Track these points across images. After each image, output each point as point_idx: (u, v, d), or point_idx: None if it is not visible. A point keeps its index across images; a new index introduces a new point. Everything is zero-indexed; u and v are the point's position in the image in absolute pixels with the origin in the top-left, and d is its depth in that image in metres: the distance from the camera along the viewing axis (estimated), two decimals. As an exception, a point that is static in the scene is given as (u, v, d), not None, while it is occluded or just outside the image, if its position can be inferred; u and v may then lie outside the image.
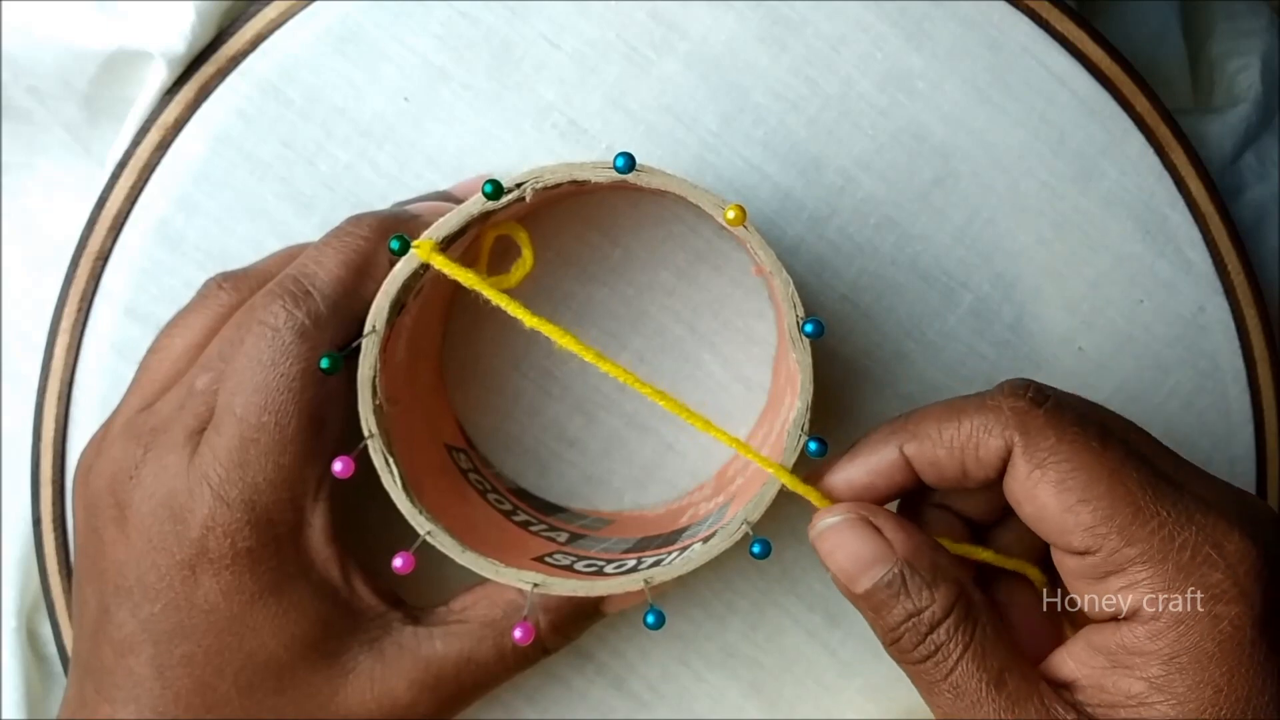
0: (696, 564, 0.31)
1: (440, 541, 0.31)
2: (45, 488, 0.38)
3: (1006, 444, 0.28)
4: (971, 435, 0.29)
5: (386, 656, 0.33)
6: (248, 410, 0.31)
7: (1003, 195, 0.37)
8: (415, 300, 0.32)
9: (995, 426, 0.28)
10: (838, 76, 0.37)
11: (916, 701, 0.39)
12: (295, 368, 0.31)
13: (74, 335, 0.37)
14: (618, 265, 0.38)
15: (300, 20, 0.37)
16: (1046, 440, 0.28)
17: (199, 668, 0.32)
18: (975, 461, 0.29)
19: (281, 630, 0.32)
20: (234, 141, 0.37)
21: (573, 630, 0.35)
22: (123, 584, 0.32)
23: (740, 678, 0.39)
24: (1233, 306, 0.38)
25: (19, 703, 0.39)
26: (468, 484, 0.35)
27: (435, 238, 0.30)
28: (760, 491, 0.30)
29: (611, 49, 0.37)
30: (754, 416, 0.38)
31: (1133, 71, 0.37)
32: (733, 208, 0.29)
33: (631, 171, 0.29)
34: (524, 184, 0.30)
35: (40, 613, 0.40)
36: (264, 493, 0.31)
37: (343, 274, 0.32)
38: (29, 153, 0.40)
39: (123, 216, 0.37)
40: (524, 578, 0.30)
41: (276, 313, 0.31)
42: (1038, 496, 0.28)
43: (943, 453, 0.29)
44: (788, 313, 0.30)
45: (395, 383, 0.32)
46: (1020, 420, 0.28)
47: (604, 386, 0.38)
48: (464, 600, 0.34)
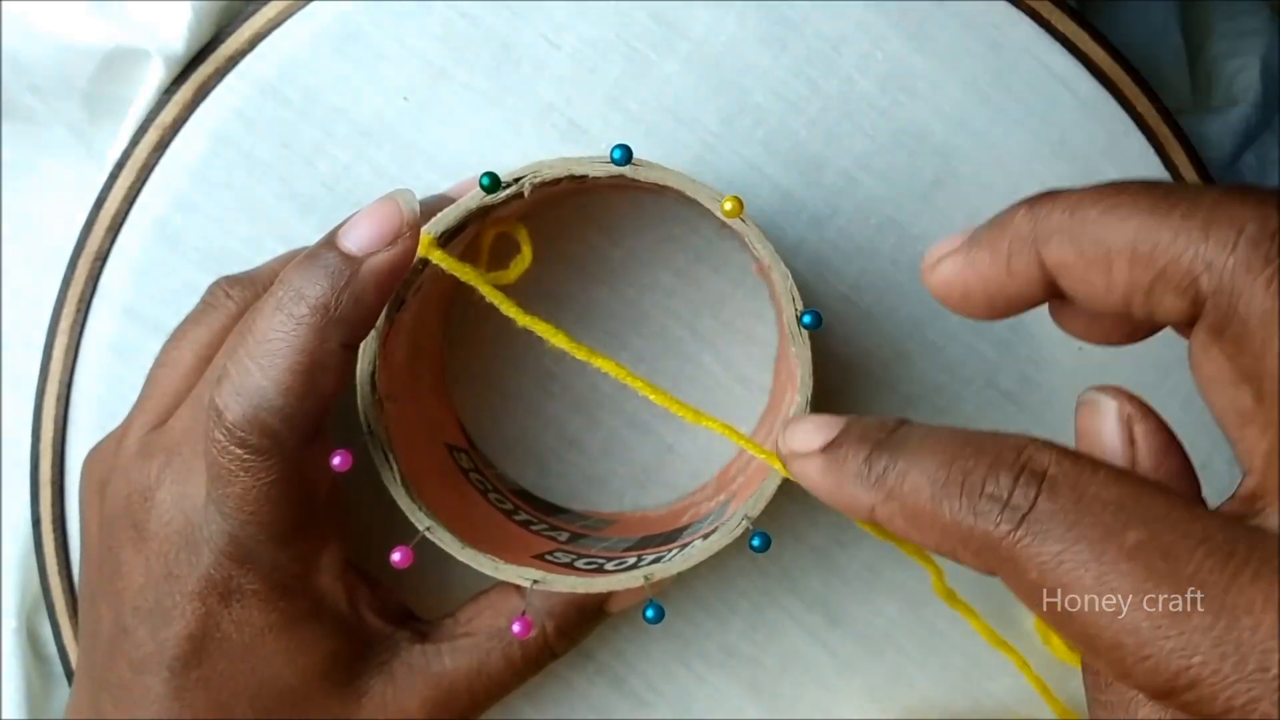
0: (696, 560, 0.30)
1: (439, 538, 0.31)
2: (45, 488, 0.38)
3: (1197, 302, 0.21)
4: (1154, 277, 0.21)
5: (398, 679, 0.33)
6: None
7: (1004, 195, 0.37)
8: (415, 297, 0.32)
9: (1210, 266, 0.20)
10: (838, 77, 0.37)
11: (917, 701, 0.39)
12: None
13: (72, 336, 0.37)
14: (618, 266, 0.38)
15: (299, 20, 0.37)
16: (1037, 555, 0.21)
17: (215, 690, 0.32)
18: (1146, 309, 0.22)
19: (293, 661, 0.32)
20: (233, 141, 0.37)
21: (579, 633, 0.35)
22: (143, 605, 0.32)
23: (740, 677, 0.39)
24: (1232, 307, 0.38)
25: (19, 703, 0.39)
26: (469, 483, 0.35)
27: (434, 233, 0.30)
28: (760, 487, 0.30)
29: (611, 49, 0.37)
30: (754, 417, 0.38)
31: (1133, 72, 0.37)
32: (729, 199, 0.28)
33: (628, 165, 0.29)
34: (522, 178, 0.30)
35: (40, 613, 0.40)
36: (267, 548, 0.31)
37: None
38: (31, 151, 0.40)
39: (121, 217, 0.37)
40: (523, 574, 0.30)
41: (284, 322, 0.30)
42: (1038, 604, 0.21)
43: (1101, 282, 0.22)
44: (786, 307, 0.30)
45: (395, 380, 0.32)
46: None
47: (604, 386, 0.38)
48: (469, 611, 0.34)
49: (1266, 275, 0.20)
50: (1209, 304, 0.21)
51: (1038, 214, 0.23)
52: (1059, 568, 0.20)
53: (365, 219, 0.29)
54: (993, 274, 0.24)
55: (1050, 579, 0.20)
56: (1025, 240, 0.23)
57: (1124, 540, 0.20)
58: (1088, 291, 0.23)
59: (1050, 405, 0.38)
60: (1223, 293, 0.20)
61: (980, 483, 0.22)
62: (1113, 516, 0.20)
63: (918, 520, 0.23)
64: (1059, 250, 0.22)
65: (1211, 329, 0.21)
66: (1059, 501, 0.21)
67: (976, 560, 0.22)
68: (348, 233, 0.29)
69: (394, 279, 0.29)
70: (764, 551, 0.29)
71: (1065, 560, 0.20)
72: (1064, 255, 0.22)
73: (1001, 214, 0.24)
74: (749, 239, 0.30)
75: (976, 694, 0.39)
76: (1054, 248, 0.23)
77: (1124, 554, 0.20)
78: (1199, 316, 0.21)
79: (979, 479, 0.22)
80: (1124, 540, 0.20)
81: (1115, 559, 0.20)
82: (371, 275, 0.28)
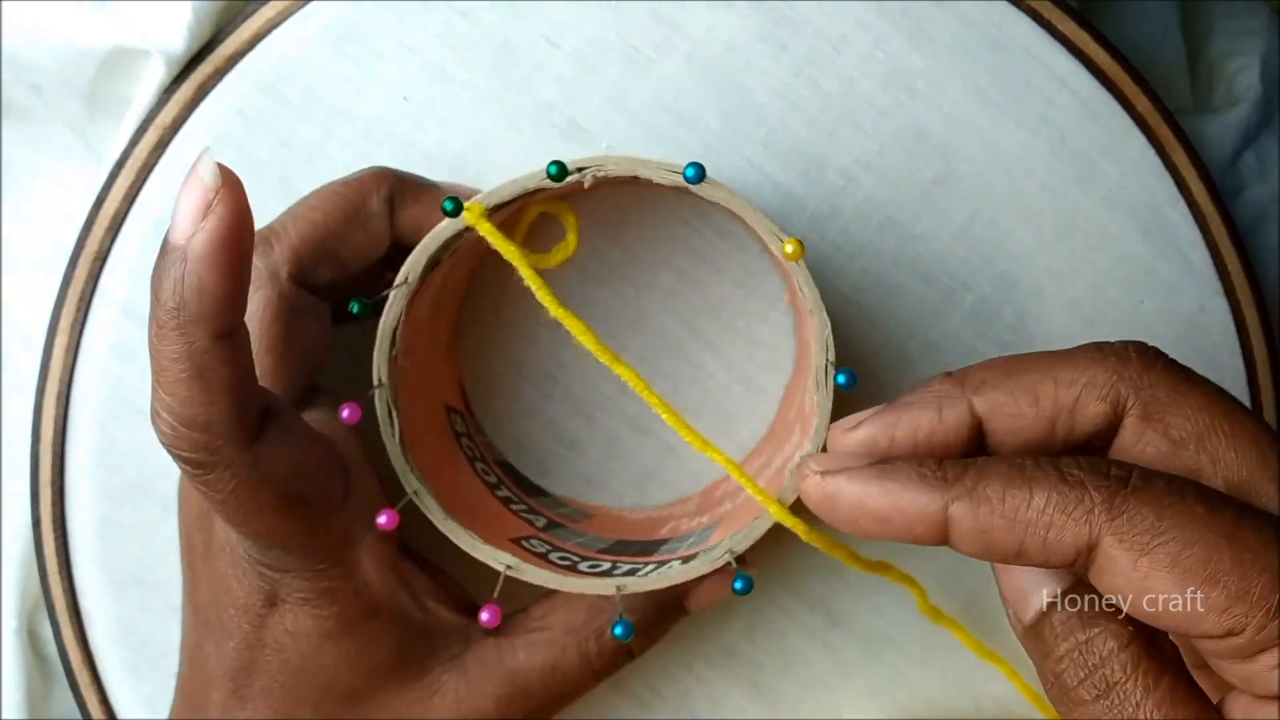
0: (672, 582, 0.30)
1: (425, 504, 0.30)
2: (45, 489, 0.38)
3: (1116, 411, 0.26)
4: (1080, 391, 0.25)
5: (470, 673, 0.32)
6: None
7: (1004, 196, 0.37)
8: (450, 259, 0.32)
9: (1107, 386, 0.25)
10: (839, 76, 0.37)
11: (917, 702, 0.39)
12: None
13: (72, 336, 0.37)
14: (618, 265, 0.38)
15: (299, 19, 0.37)
16: (1144, 519, 0.23)
17: (278, 700, 0.31)
18: (1069, 425, 0.26)
19: (357, 664, 0.31)
20: (232, 141, 0.37)
21: (657, 631, 0.34)
22: (211, 619, 0.32)
23: (741, 678, 0.39)
24: (1233, 307, 0.38)
25: (19, 703, 0.39)
26: (459, 449, 0.35)
27: (487, 205, 0.30)
28: (752, 525, 0.30)
29: (611, 49, 0.37)
30: (754, 417, 0.38)
31: (1134, 72, 0.37)
32: (791, 242, 0.28)
33: (701, 183, 0.29)
34: (586, 169, 0.30)
35: (40, 613, 0.40)
36: (290, 557, 0.30)
37: (313, 226, 0.32)
38: (32, 151, 0.40)
39: (121, 216, 0.37)
40: (499, 558, 0.30)
41: (158, 334, 0.27)
42: (1150, 587, 0.23)
43: (1030, 410, 0.26)
44: (818, 353, 0.30)
45: (415, 336, 0.32)
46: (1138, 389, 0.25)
47: (604, 389, 0.38)
48: (544, 607, 0.33)
49: (1161, 366, 0.26)
50: (1131, 399, 0.26)
51: (960, 378, 0.27)
52: (1168, 516, 0.23)
53: (179, 201, 0.26)
54: (924, 421, 0.26)
55: (1159, 527, 0.23)
56: (955, 395, 0.26)
57: (1212, 491, 0.24)
58: (1018, 424, 0.26)
59: (1050, 405, 0.38)
60: (1140, 386, 0.26)
61: (1077, 463, 0.24)
62: (1191, 481, 0.24)
63: (1006, 510, 0.24)
64: (991, 394, 0.26)
65: (1141, 416, 0.26)
66: (1149, 484, 0.24)
67: (1081, 529, 0.23)
68: (171, 224, 0.26)
69: (225, 251, 0.26)
70: (746, 594, 0.30)
71: (1174, 507, 0.23)
72: (995, 397, 0.26)
73: (921, 384, 0.27)
74: (797, 280, 0.30)
75: (976, 694, 0.39)
76: (985, 393, 0.26)
77: (1219, 497, 0.24)
78: (1120, 419, 0.26)
79: (1073, 463, 0.24)
80: (1212, 491, 0.24)
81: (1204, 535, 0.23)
82: (199, 260, 0.25)
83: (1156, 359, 0.26)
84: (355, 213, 0.32)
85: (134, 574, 0.38)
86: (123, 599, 0.38)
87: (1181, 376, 0.26)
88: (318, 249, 0.32)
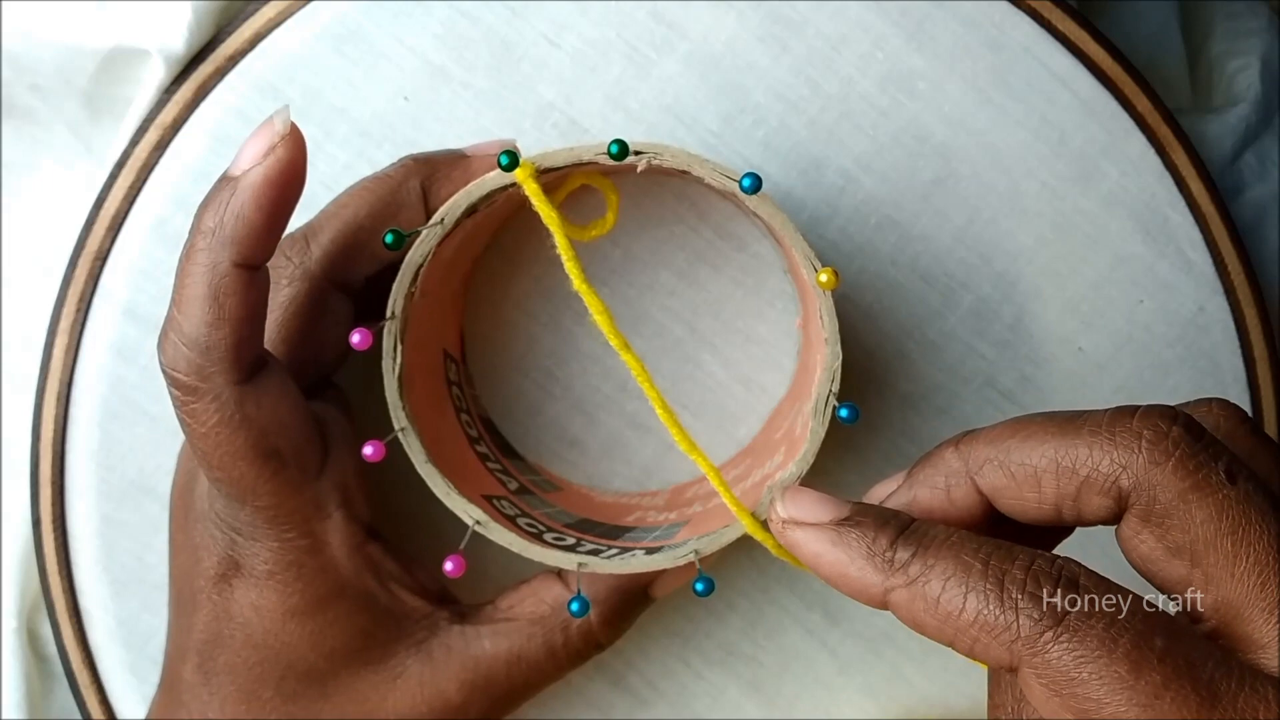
0: (634, 570, 0.31)
1: (409, 443, 0.31)
2: (45, 488, 0.38)
3: (1119, 504, 0.25)
4: (1081, 485, 0.25)
5: (435, 659, 0.33)
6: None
7: (1003, 196, 0.37)
8: (486, 209, 0.32)
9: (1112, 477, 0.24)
10: (838, 77, 0.37)
11: (916, 701, 0.39)
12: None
13: (73, 336, 0.37)
14: (618, 265, 0.38)
15: (299, 19, 0.37)
16: (1062, 666, 0.23)
17: (241, 676, 0.32)
18: (1075, 513, 0.25)
19: (319, 644, 0.32)
20: (232, 141, 0.37)
21: (624, 621, 0.34)
22: (182, 592, 0.32)
23: (739, 676, 0.39)
24: (1233, 306, 0.38)
25: (19, 703, 0.39)
26: (449, 396, 0.35)
27: (539, 166, 0.30)
28: (720, 531, 0.31)
29: (611, 49, 0.37)
30: (753, 417, 0.38)
31: (1134, 71, 0.37)
32: (826, 271, 0.28)
33: (756, 194, 0.29)
34: (644, 154, 0.30)
35: (40, 613, 0.40)
36: (257, 518, 0.31)
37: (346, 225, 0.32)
38: (31, 151, 0.40)
39: (121, 216, 0.37)
40: (471, 511, 0.31)
41: (188, 255, 0.29)
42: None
43: (1033, 496, 0.25)
44: (823, 381, 0.30)
45: (433, 277, 0.32)
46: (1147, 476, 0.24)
47: (605, 387, 0.38)
48: (511, 598, 0.34)
49: (1171, 465, 0.24)
50: (1133, 497, 0.24)
51: (964, 451, 0.26)
52: (1088, 668, 0.23)
53: (247, 142, 0.28)
54: (936, 505, 0.27)
55: (1076, 678, 0.23)
56: (959, 474, 0.26)
57: (1153, 645, 0.23)
58: (1023, 508, 0.26)
59: (1049, 405, 0.38)
60: (1142, 487, 0.24)
61: (1022, 581, 0.24)
62: (1142, 623, 0.23)
63: (939, 611, 0.24)
64: (992, 477, 0.26)
65: (1140, 516, 0.24)
66: (1085, 626, 0.23)
67: (1002, 652, 0.23)
68: (234, 159, 0.29)
69: (273, 190, 0.28)
70: (706, 596, 0.30)
71: (1097, 661, 0.23)
72: (996, 480, 0.26)
73: (931, 454, 0.27)
74: (820, 307, 0.30)
75: (976, 694, 0.39)
76: (987, 475, 0.26)
77: (1156, 656, 0.23)
78: (1124, 511, 0.25)
79: (1019, 578, 0.24)
80: (1153, 645, 0.23)
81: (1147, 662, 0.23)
82: (249, 190, 0.28)
83: (1170, 454, 0.24)
84: (387, 207, 0.33)
85: (134, 574, 0.38)
86: (123, 599, 0.38)
87: (1191, 481, 0.24)
88: (352, 246, 0.32)
